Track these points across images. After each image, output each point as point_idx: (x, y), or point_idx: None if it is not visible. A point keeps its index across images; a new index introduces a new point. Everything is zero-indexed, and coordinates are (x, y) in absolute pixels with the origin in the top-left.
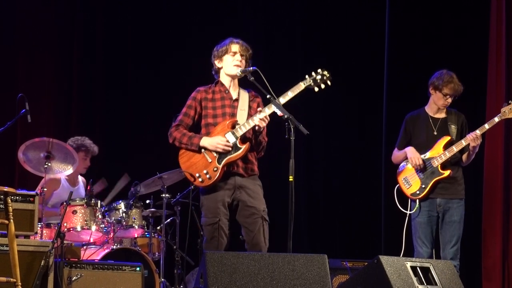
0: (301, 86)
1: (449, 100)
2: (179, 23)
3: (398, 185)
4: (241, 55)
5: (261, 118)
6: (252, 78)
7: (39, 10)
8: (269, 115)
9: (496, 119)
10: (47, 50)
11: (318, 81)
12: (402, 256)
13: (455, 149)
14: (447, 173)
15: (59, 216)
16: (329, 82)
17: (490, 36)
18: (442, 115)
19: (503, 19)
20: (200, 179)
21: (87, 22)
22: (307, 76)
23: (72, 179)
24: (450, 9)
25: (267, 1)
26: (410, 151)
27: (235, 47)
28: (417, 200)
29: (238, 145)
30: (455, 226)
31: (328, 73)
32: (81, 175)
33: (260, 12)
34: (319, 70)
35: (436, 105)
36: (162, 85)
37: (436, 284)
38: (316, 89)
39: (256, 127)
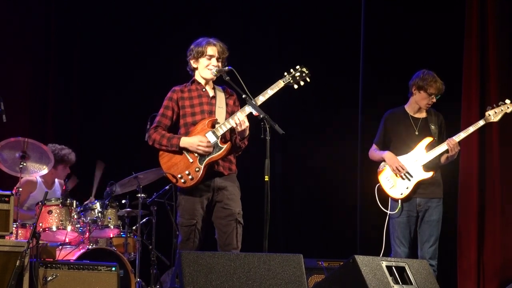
0: (281, 83)
1: (434, 99)
2: (154, 25)
3: (378, 184)
4: (217, 59)
5: (237, 123)
6: (227, 78)
7: (14, 13)
8: (247, 116)
9: (481, 122)
10: (24, 50)
11: (297, 78)
12: (382, 256)
13: (438, 151)
14: (430, 174)
15: (35, 218)
16: (308, 79)
17: (465, 33)
18: (422, 115)
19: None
20: (182, 180)
21: (64, 25)
22: (285, 74)
23: (48, 182)
24: (425, 7)
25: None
26: (388, 157)
27: (212, 50)
28: (399, 201)
29: (220, 144)
30: (434, 225)
31: (307, 70)
32: None
33: (237, 12)
34: (297, 67)
35: (418, 105)
36: (139, 84)
37: (411, 284)
38: (296, 86)
39: (237, 131)
